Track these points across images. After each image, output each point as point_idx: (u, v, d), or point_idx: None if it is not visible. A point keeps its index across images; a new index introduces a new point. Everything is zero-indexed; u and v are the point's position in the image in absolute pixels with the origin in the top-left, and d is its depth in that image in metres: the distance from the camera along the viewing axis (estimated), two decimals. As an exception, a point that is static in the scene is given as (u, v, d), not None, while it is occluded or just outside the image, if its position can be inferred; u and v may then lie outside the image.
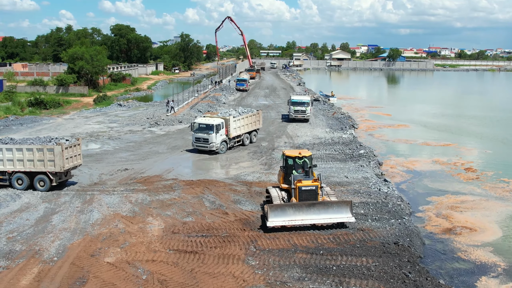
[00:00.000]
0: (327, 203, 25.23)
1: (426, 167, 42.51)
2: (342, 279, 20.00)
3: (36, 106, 71.54)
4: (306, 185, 26.05)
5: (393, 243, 23.82)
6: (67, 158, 31.96)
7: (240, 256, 22.17)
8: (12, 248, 23.01)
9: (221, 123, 43.91)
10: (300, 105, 62.20)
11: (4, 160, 31.98)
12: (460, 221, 29.00)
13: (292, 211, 24.98)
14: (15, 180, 32.02)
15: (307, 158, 27.76)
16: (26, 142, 32.86)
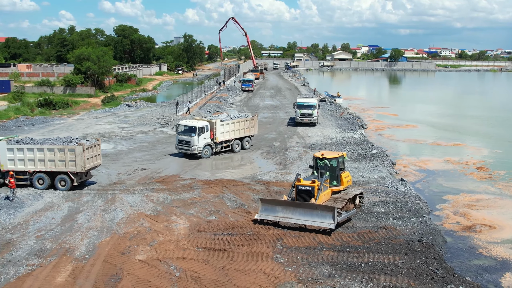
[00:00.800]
0: (313, 206, 25.01)
1: (438, 166, 42.92)
2: (371, 275, 20.37)
3: (45, 107, 71.96)
4: (303, 184, 26.22)
5: (417, 241, 24.20)
6: (88, 158, 32.13)
7: (268, 254, 22.54)
8: (43, 247, 23.36)
9: (204, 126, 42.17)
10: (307, 108, 59.67)
11: (25, 160, 32.26)
12: (478, 219, 29.39)
13: (280, 208, 25.60)
14: (36, 180, 32.32)
15: (330, 159, 27.81)
16: (47, 142, 33.14)
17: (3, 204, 28.94)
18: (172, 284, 19.59)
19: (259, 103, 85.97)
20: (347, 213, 26.49)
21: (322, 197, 26.24)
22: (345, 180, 28.47)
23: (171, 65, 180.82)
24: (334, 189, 27.79)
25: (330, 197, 27.26)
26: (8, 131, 55.39)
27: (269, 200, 26.59)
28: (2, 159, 32.40)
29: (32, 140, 33.64)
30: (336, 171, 28.02)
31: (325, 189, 26.80)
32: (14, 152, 32.42)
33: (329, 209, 24.63)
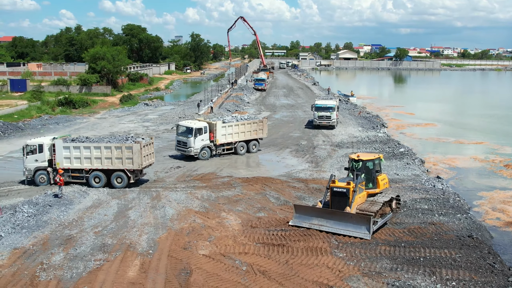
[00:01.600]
0: (348, 215, 24.63)
1: (466, 164, 43.60)
2: (433, 269, 20.98)
3: (65, 106, 72.54)
4: (338, 186, 25.80)
5: (467, 236, 24.80)
6: (144, 156, 32.84)
7: (326, 249, 23.15)
8: (104, 242, 23.97)
9: (202, 127, 41.26)
10: (325, 110, 57.23)
11: (81, 158, 32.92)
12: None
13: (315, 215, 25.47)
14: (92, 178, 32.96)
15: (365, 161, 27.18)
16: (103, 140, 33.76)
17: (53, 202, 29.53)
18: (241, 277, 20.20)
19: (275, 102, 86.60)
20: (383, 219, 25.95)
21: (357, 199, 25.75)
22: (381, 183, 27.77)
23: (179, 64, 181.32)
24: (370, 192, 27.21)
25: (365, 199, 26.80)
26: (35, 129, 56.08)
27: (303, 207, 26.41)
28: (58, 158, 33.08)
29: (87, 139, 34.23)
30: (372, 173, 27.45)
31: (360, 191, 26.29)
32: (70, 151, 33.02)
33: (365, 219, 24.25)
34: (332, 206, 25.85)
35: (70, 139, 34.10)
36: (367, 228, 24.06)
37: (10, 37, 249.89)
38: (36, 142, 34.41)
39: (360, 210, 25.44)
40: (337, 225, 24.76)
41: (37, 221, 26.54)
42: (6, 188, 33.31)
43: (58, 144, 33.22)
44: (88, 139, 34.15)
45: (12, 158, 42.46)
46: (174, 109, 74.81)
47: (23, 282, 19.81)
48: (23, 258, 22.07)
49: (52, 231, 25.38)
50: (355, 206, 25.49)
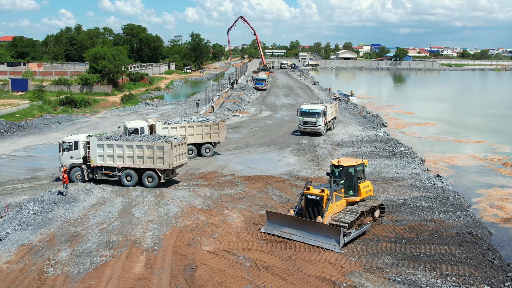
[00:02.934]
0: (318, 225, 23.20)
1: (466, 162, 44.07)
2: (433, 265, 21.39)
3: (67, 105, 72.93)
4: (312, 193, 24.39)
5: (467, 233, 25.20)
6: (175, 156, 32.51)
7: (328, 245, 23.52)
8: (109, 239, 24.35)
9: (139, 128, 40.17)
10: (310, 115, 52.45)
11: (114, 156, 33.09)
12: None
13: (286, 223, 24.22)
14: (124, 176, 33.14)
15: (346, 167, 25.80)
16: (136, 139, 33.74)
17: (58, 199, 29.89)
18: (245, 272, 20.58)
19: (275, 101, 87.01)
20: (358, 230, 24.19)
21: (332, 208, 24.30)
22: (363, 191, 26.11)
23: (179, 64, 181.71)
24: (349, 200, 25.69)
25: (343, 208, 25.27)
26: (37, 129, 56.49)
27: (275, 214, 25.17)
28: (92, 155, 33.48)
29: (121, 137, 34.39)
30: (353, 180, 25.86)
31: (338, 199, 24.90)
32: (104, 148, 33.30)
33: (335, 231, 22.76)
34: (306, 214, 24.52)
35: (104, 137, 34.28)
36: (336, 240, 22.66)
37: (9, 36, 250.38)
38: (72, 139, 34.80)
39: (335, 219, 23.94)
40: (307, 235, 23.46)
41: (43, 218, 26.91)
42: (11, 186, 33.68)
43: (92, 142, 33.58)
44: (122, 137, 34.20)
45: (15, 156, 42.88)
46: (175, 108, 75.24)
47: (31, 277, 20.19)
48: (30, 254, 22.45)
49: (58, 228, 25.76)
50: (329, 215, 24.11)
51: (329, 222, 23.86)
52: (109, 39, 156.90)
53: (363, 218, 25.15)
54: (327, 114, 54.14)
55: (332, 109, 56.64)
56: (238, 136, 53.20)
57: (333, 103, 58.64)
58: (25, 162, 41.28)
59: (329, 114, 55.08)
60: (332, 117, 57.02)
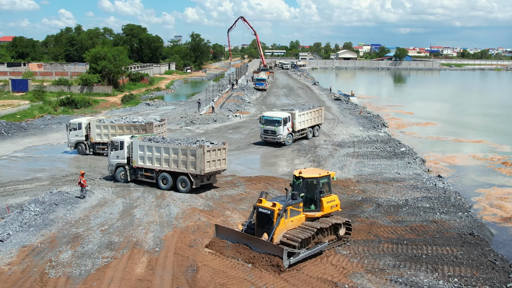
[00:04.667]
0: (263, 243, 21.61)
1: (466, 162, 44.11)
2: (435, 266, 21.40)
3: (67, 106, 72.92)
4: (263, 207, 22.47)
5: (469, 233, 25.21)
6: (209, 162, 31.46)
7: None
8: (111, 240, 24.33)
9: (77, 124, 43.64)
10: (271, 124, 47.65)
11: (153, 158, 32.96)
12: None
13: (234, 238, 22.77)
14: (161, 179, 32.92)
15: (307, 179, 23.71)
16: (175, 141, 33.37)
17: (59, 200, 29.87)
18: (247, 274, 20.57)
19: (275, 101, 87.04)
20: (311, 250, 21.94)
21: (287, 223, 22.37)
22: (327, 206, 23.79)
23: (179, 64, 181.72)
24: (309, 215, 23.48)
25: (300, 223, 23.01)
26: (38, 129, 56.50)
27: (224, 229, 23.72)
28: (135, 156, 33.58)
29: (163, 139, 34.06)
30: (315, 194, 23.70)
31: (295, 214, 22.82)
32: (144, 150, 33.27)
33: (279, 251, 20.95)
34: (257, 228, 22.60)
35: (147, 139, 34.07)
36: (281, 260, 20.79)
37: (9, 37, 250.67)
38: (118, 139, 35.07)
39: (287, 236, 21.95)
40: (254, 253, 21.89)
41: (44, 219, 26.89)
42: (12, 187, 33.66)
43: (134, 143, 33.63)
44: (163, 140, 33.83)
45: (16, 157, 42.86)
46: (175, 108, 75.26)
47: (33, 279, 20.17)
48: (31, 256, 22.43)
49: (59, 229, 25.74)
50: (281, 232, 22.07)
51: (280, 239, 21.83)
52: (109, 39, 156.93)
53: (321, 236, 22.91)
54: (299, 122, 49.50)
55: (309, 116, 51.40)
56: (238, 136, 53.21)
57: (313, 109, 52.74)
58: (26, 163, 41.26)
59: (304, 122, 50.42)
60: (312, 125, 52.21)
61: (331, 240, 23.43)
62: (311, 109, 52.14)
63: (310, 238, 22.17)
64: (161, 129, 43.00)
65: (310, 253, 21.81)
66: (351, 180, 35.90)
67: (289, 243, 21.54)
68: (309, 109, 51.78)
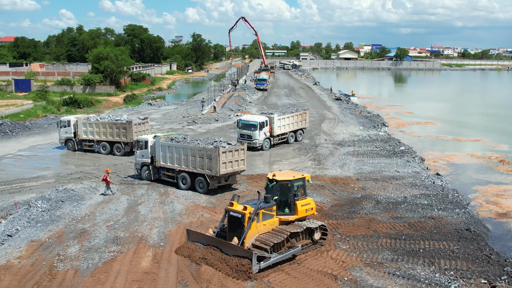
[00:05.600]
0: (233, 248, 21.28)
1: (464, 160, 44.83)
2: (432, 260, 22.06)
3: (70, 105, 73.60)
4: (234, 210, 22.18)
5: (466, 229, 25.87)
6: (224, 163, 31.41)
7: (329, 241, 24.21)
8: (116, 235, 25.00)
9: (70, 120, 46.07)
10: (247, 128, 45.91)
11: (173, 158, 33.38)
12: (510, 207, 31.75)
13: (205, 243, 22.48)
14: (181, 179, 33.36)
15: (280, 182, 23.28)
16: (194, 142, 33.53)
17: (65, 197, 30.58)
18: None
19: (276, 101, 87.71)
20: (283, 255, 21.50)
21: (259, 227, 22.00)
22: (301, 209, 23.32)
23: (181, 64, 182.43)
24: (283, 219, 23.07)
25: (273, 227, 22.65)
26: (42, 129, 57.15)
27: (194, 233, 23.36)
28: (157, 155, 34.16)
29: (184, 139, 34.33)
30: (289, 197, 23.27)
31: (268, 217, 22.45)
32: (165, 150, 33.73)
33: (248, 255, 20.59)
34: (229, 232, 22.22)
35: (169, 138, 34.56)
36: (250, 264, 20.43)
37: (10, 37, 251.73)
38: (143, 139, 35.80)
39: (260, 240, 21.58)
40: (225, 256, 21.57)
41: (51, 215, 27.57)
42: (18, 185, 34.33)
43: (157, 142, 34.21)
44: (184, 140, 34.19)
45: (21, 156, 43.54)
46: (177, 108, 75.93)
47: (42, 272, 20.84)
48: (40, 250, 23.09)
49: (66, 225, 26.40)
50: (253, 236, 21.67)
51: (251, 243, 21.47)
52: (111, 40, 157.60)
53: (295, 240, 22.55)
54: (278, 126, 47.52)
55: (291, 120, 49.26)
56: (240, 135, 53.76)
57: (295, 113, 50.64)
58: (31, 161, 41.94)
59: (284, 126, 48.39)
60: (295, 129, 50.04)
61: (305, 245, 22.94)
62: (293, 113, 50.26)
63: (283, 242, 21.83)
64: (143, 127, 44.14)
65: (282, 257, 21.37)
66: (351, 178, 36.53)
67: (261, 246, 21.18)
68: (291, 113, 49.96)
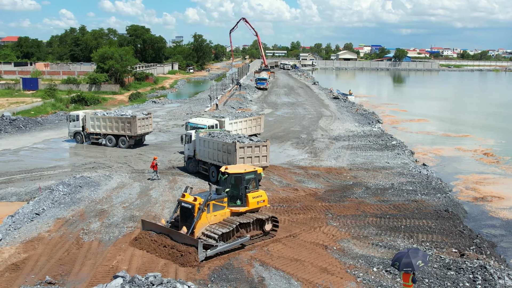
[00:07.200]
0: (182, 236, 22.21)
1: (451, 153, 48.04)
2: (411, 234, 25.16)
3: (78, 103, 76.61)
4: (185, 201, 23.07)
5: (444, 210, 28.98)
6: (242, 158, 33.04)
7: (322, 219, 27.31)
8: (132, 214, 28.05)
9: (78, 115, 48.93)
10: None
11: (207, 152, 35.66)
12: (487, 192, 35.01)
13: (159, 232, 23.41)
14: (211, 172, 35.57)
15: (232, 175, 24.18)
16: (224, 137, 35.52)
17: (82, 183, 33.61)
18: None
19: (276, 100, 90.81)
20: (230, 244, 22.61)
21: (210, 218, 22.96)
22: (252, 201, 24.17)
23: (182, 64, 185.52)
24: (234, 210, 23.88)
25: (223, 218, 23.57)
26: (53, 124, 60.19)
27: (149, 223, 24.30)
28: (197, 149, 36.86)
29: (219, 134, 36.48)
30: (240, 189, 24.06)
31: (218, 208, 23.39)
32: (201, 144, 36.20)
33: (195, 242, 21.49)
34: (181, 222, 23.20)
35: (208, 133, 37.00)
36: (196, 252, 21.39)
37: (12, 37, 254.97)
38: (188, 133, 38.48)
39: (209, 230, 22.60)
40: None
41: (72, 198, 30.61)
42: (38, 173, 37.34)
43: (197, 137, 36.84)
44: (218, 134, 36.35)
45: (37, 148, 46.57)
46: (180, 106, 79.01)
47: (70, 242, 23.90)
48: (66, 226, 26.14)
49: (86, 206, 29.45)
50: (202, 226, 22.68)
51: (201, 233, 22.51)
52: (115, 40, 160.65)
53: (244, 231, 23.60)
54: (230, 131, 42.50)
55: (244, 125, 47.07)
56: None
57: (250, 117, 48.83)
58: (46, 153, 44.94)
59: (236, 131, 44.79)
60: (248, 134, 43.60)
61: (256, 235, 24.09)
62: (247, 118, 48.70)
63: (232, 232, 22.81)
64: (147, 121, 47.33)
65: (230, 246, 22.44)
66: (344, 168, 39.58)
67: (209, 235, 22.17)
68: (244, 117, 48.49)
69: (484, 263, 20.99)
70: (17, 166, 39.15)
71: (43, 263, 21.53)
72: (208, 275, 20.31)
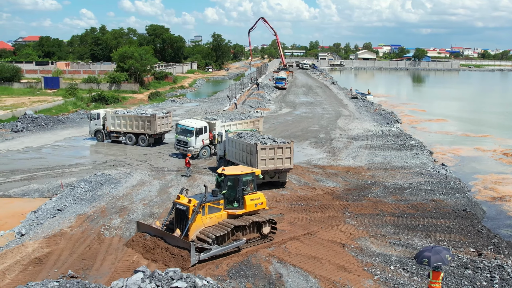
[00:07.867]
0: (175, 239, 21.85)
1: (470, 153, 47.76)
2: (429, 233, 25.19)
3: (98, 102, 77.61)
4: (180, 202, 22.73)
5: (462, 210, 28.93)
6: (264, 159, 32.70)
7: (340, 218, 27.46)
8: (152, 211, 28.50)
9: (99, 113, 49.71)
10: (184, 133, 41.92)
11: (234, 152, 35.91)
12: (505, 192, 34.76)
13: (153, 234, 23.07)
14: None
15: (229, 176, 23.89)
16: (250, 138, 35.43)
17: (103, 180, 34.20)
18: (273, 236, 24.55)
19: (294, 99, 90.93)
20: (224, 247, 21.99)
21: (205, 220, 22.56)
22: (250, 203, 23.87)
23: (201, 63, 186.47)
24: (231, 212, 23.55)
25: (219, 221, 23.11)
26: (74, 122, 61.15)
27: (143, 225, 23.91)
28: (226, 149, 37.25)
29: (247, 135, 36.36)
30: (237, 191, 23.77)
31: (214, 211, 22.98)
32: (229, 144, 36.44)
33: (187, 246, 21.03)
34: (175, 224, 22.91)
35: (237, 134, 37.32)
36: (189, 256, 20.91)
37: (34, 36, 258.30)
38: (221, 133, 38.80)
39: (204, 233, 22.09)
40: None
41: (93, 195, 31.19)
42: (60, 170, 38.04)
43: (226, 137, 37.15)
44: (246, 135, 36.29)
45: (58, 146, 47.40)
46: (199, 105, 79.59)
47: (91, 238, 24.40)
48: (87, 222, 26.67)
49: (107, 202, 29.99)
50: (197, 228, 22.26)
51: (196, 235, 22.06)
52: (134, 39, 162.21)
53: (240, 234, 23.13)
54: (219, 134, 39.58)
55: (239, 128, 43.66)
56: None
57: (245, 120, 47.12)
58: (68, 151, 45.73)
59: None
60: None
61: (253, 238, 23.60)
62: (242, 120, 46.85)
63: (227, 235, 22.33)
64: (166, 120, 48.14)
65: (224, 249, 21.86)
66: (362, 168, 39.63)
67: (203, 239, 21.73)
68: (240, 120, 46.86)
69: (502, 263, 20.98)
70: (39, 163, 39.92)
71: (65, 258, 22.04)
72: (226, 271, 20.62)
